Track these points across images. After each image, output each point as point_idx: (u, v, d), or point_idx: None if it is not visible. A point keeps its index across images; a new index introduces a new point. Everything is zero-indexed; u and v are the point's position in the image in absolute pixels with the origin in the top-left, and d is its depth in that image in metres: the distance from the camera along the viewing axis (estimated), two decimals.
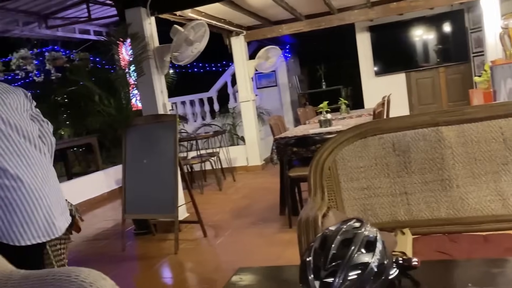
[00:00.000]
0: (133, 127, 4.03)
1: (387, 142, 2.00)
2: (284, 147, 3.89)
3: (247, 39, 7.09)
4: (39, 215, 1.67)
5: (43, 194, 1.70)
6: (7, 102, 1.72)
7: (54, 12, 6.58)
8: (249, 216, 4.45)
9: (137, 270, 3.52)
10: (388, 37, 8.30)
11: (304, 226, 1.62)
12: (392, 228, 1.90)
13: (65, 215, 1.83)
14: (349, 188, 2.02)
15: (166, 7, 4.36)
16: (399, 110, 7.78)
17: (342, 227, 1.10)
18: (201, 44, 4.23)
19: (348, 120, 4.94)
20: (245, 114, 7.24)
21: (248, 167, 7.28)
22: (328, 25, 6.68)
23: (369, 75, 8.48)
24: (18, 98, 1.79)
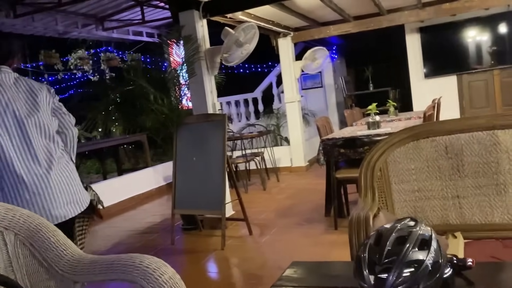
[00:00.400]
0: (184, 126, 4.18)
1: (440, 145, 1.99)
2: (331, 148, 3.90)
3: (294, 40, 7.13)
4: (33, 207, 1.86)
5: (41, 187, 1.88)
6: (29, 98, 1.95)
7: (110, 14, 6.92)
8: (294, 216, 4.49)
9: (185, 263, 3.65)
10: (439, 39, 8.07)
11: (355, 225, 1.65)
12: (443, 231, 1.89)
13: (75, 204, 1.98)
14: (400, 189, 2.02)
15: (217, 10, 4.49)
16: (449, 114, 7.56)
17: (397, 225, 1.13)
18: (250, 45, 4.32)
19: (396, 123, 4.88)
20: (290, 115, 7.28)
21: (292, 168, 7.32)
22: (377, 26, 6.60)
23: (418, 77, 8.29)
24: (42, 93, 1.99)
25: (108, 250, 4.24)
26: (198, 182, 4.01)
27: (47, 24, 6.36)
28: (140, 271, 1.40)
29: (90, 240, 4.74)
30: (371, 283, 1.05)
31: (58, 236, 1.58)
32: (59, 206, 1.92)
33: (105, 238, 4.75)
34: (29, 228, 1.56)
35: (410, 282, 1.04)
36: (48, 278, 1.54)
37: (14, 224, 1.57)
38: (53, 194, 1.91)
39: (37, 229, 1.57)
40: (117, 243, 4.46)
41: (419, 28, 8.09)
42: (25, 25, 6.07)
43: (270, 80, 9.56)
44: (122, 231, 4.90)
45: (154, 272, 1.39)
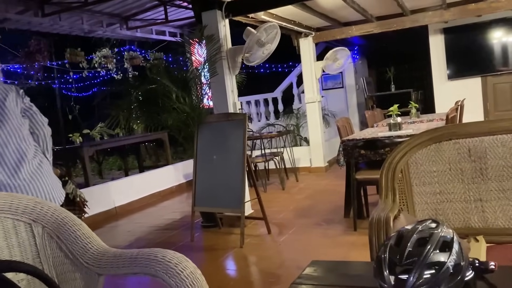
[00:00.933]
0: (205, 124, 4.23)
1: (463, 147, 1.97)
2: (352, 149, 3.88)
3: (315, 40, 7.11)
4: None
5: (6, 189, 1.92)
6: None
7: (134, 14, 7.03)
8: (313, 217, 4.49)
9: (204, 260, 3.70)
10: (463, 40, 7.93)
11: (375, 226, 1.65)
12: (465, 234, 1.87)
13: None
14: (421, 192, 2.01)
15: (240, 10, 4.52)
16: (473, 116, 7.40)
17: (418, 227, 1.13)
18: (272, 45, 4.33)
19: (418, 125, 4.82)
20: (310, 115, 7.26)
21: (311, 168, 7.30)
22: (400, 27, 6.52)
23: (441, 79, 8.16)
24: (9, 96, 2.00)
25: (128, 245, 4.32)
26: (218, 180, 4.05)
27: (73, 23, 6.51)
28: (162, 266, 1.44)
29: (112, 235, 4.86)
30: (391, 284, 1.06)
31: (83, 229, 1.63)
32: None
33: (126, 233, 4.84)
34: (56, 221, 1.62)
35: (431, 284, 1.04)
36: (73, 270, 1.59)
37: (42, 217, 1.62)
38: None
39: (63, 222, 1.62)
40: (138, 239, 4.53)
41: (443, 29, 7.96)
42: (52, 24, 6.22)
43: (291, 80, 9.56)
44: (142, 227, 4.99)
45: (175, 267, 1.42)
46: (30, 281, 1.54)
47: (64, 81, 11.16)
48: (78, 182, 7.75)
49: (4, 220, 1.58)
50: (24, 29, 6.49)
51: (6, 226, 1.58)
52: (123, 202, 5.95)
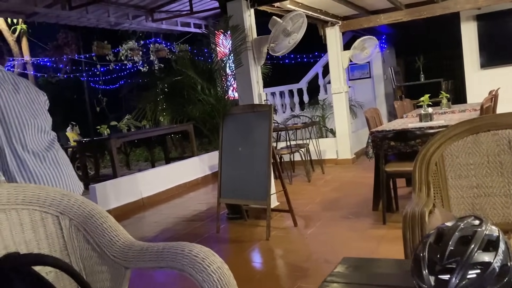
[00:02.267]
0: (230, 116, 4.19)
1: (502, 139, 1.87)
2: (381, 141, 3.78)
3: (342, 29, 6.96)
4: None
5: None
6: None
7: (159, 6, 7.04)
8: (340, 209, 4.41)
9: (230, 252, 3.68)
10: (497, 27, 7.60)
11: (410, 221, 1.58)
12: (505, 231, 1.75)
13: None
14: (457, 185, 1.92)
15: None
16: (508, 107, 7.10)
17: (460, 224, 1.06)
18: (298, 35, 4.25)
19: (450, 115, 4.65)
20: (337, 106, 7.13)
21: (338, 160, 7.19)
22: (431, 14, 6.30)
23: (474, 68, 7.86)
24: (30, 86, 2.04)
25: (155, 236, 4.36)
26: (243, 172, 4.02)
27: (99, 16, 6.56)
28: (189, 260, 1.41)
29: (139, 225, 4.91)
30: (431, 284, 0.99)
31: (110, 222, 1.62)
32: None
33: (153, 224, 4.88)
34: (83, 214, 1.61)
35: (476, 285, 0.97)
36: (100, 263, 1.58)
37: (69, 210, 1.62)
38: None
39: (90, 214, 1.61)
40: (164, 230, 4.56)
41: (475, 15, 7.66)
42: (79, 17, 6.29)
43: (316, 70, 9.42)
44: (169, 218, 5.02)
45: (203, 261, 1.38)
46: (58, 274, 1.54)
47: (91, 74, 11.36)
48: (106, 173, 7.88)
49: (32, 212, 1.59)
50: (52, 22, 6.59)
51: (34, 218, 1.58)
52: (150, 193, 6.00)
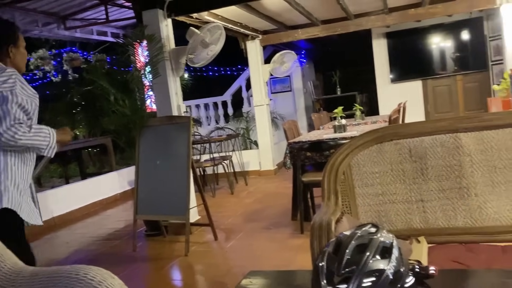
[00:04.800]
0: (147, 128, 4.05)
1: (404, 148, 1.96)
2: (298, 152, 3.85)
3: (262, 43, 7.09)
4: None
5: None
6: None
7: (73, 13, 6.68)
8: (261, 221, 4.42)
9: (147, 271, 3.51)
10: (405, 44, 8.22)
11: (317, 230, 1.58)
12: (407, 235, 1.85)
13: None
14: (364, 193, 1.98)
15: (183, 9, 4.37)
16: (415, 118, 7.64)
17: (357, 232, 1.07)
18: (216, 46, 4.23)
19: (362, 126, 4.88)
20: (259, 118, 7.22)
21: (261, 171, 7.25)
22: (344, 30, 6.64)
23: (385, 82, 8.41)
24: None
25: (65, 258, 4.04)
26: (161, 187, 3.88)
27: None
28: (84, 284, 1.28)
29: (48, 247, 4.53)
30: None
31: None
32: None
33: (64, 245, 4.53)
34: None
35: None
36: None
37: None
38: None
39: None
40: (76, 250, 4.25)
41: (385, 33, 8.22)
42: None
43: (240, 83, 9.49)
44: (82, 238, 4.70)
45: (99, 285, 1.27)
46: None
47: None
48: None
49: None
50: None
51: None
52: (63, 211, 5.59)
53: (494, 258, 1.64)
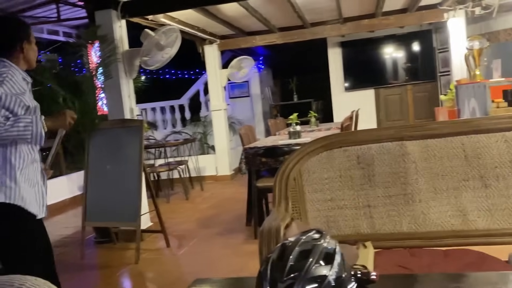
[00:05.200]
0: (98, 131, 3.92)
1: (352, 155, 2.00)
2: (253, 157, 3.86)
3: (220, 48, 7.07)
4: None
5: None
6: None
7: (21, 10, 6.37)
8: (215, 226, 4.38)
9: (95, 279, 3.39)
10: (359, 53, 8.46)
11: (266, 236, 1.58)
12: (355, 241, 1.88)
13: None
14: (313, 199, 2.00)
15: (137, 11, 4.28)
16: (368, 125, 7.88)
17: (301, 238, 1.07)
18: (172, 49, 4.17)
19: (317, 133, 4.96)
20: (216, 123, 7.19)
21: (217, 176, 7.21)
22: (301, 38, 6.75)
23: (339, 90, 8.61)
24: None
25: None
26: (112, 192, 3.76)
27: None
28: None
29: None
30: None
31: None
32: None
33: None
34: None
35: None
36: None
37: None
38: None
39: None
40: None
41: (340, 42, 8.42)
42: None
43: (198, 87, 9.41)
44: None
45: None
46: None
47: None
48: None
49: None
50: None
51: None
52: None
53: (436, 262, 1.70)
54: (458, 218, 1.84)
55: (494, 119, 1.92)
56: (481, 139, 1.86)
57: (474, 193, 1.84)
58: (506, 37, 6.89)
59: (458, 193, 1.86)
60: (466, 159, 1.87)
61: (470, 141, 1.88)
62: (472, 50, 4.74)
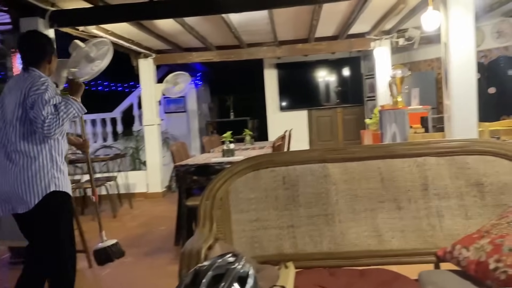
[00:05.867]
0: None
1: (278, 175, 2.05)
2: (184, 175, 3.81)
3: (156, 62, 6.98)
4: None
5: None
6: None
7: None
8: (143, 246, 4.24)
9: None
10: (294, 75, 8.74)
11: (186, 259, 1.56)
12: (278, 261, 1.91)
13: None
14: (239, 219, 2.01)
15: (67, 21, 4.11)
16: (300, 145, 8.15)
17: (216, 262, 1.07)
18: (102, 62, 4.02)
19: (250, 151, 5.02)
20: (149, 138, 7.04)
21: (148, 193, 7.02)
22: (238, 58, 6.86)
23: (274, 110, 8.80)
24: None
25: None
26: None
27: None
28: None
29: None
30: None
31: None
32: None
33: None
34: None
35: None
36: None
37: None
38: None
39: None
40: None
41: (276, 64, 8.66)
42: None
43: (131, 100, 9.16)
44: None
45: None
46: None
47: None
48: None
49: None
50: None
51: None
52: None
53: (352, 282, 1.77)
54: (374, 238, 1.94)
55: (407, 145, 2.06)
56: (396, 164, 1.99)
57: (389, 215, 1.95)
58: (426, 67, 7.48)
59: (375, 214, 1.96)
60: (382, 182, 1.98)
61: (386, 165, 2.00)
62: (395, 78, 5.08)
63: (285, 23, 5.62)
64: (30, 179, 2.26)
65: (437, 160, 1.96)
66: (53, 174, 2.32)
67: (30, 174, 2.26)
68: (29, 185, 2.26)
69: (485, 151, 1.94)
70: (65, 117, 2.28)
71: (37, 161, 2.28)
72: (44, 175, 2.28)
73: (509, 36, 6.04)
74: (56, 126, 2.22)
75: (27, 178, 2.26)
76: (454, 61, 3.58)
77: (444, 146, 1.99)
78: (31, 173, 2.26)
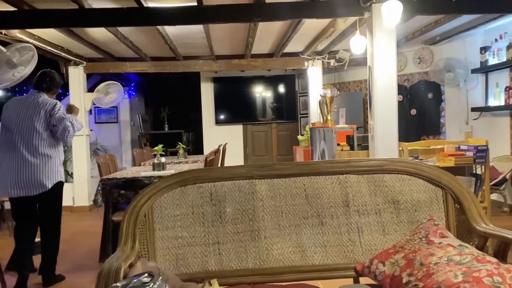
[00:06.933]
0: None
1: (205, 191, 2.04)
2: (111, 189, 3.67)
3: (87, 71, 6.71)
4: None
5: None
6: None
7: None
8: (64, 263, 3.99)
9: None
10: (230, 90, 8.80)
11: (104, 278, 1.49)
12: (202, 278, 1.89)
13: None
14: (164, 236, 1.97)
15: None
16: (235, 159, 8.19)
17: (130, 283, 1.04)
18: (26, 69, 3.82)
19: (183, 165, 4.96)
20: (76, 149, 6.71)
21: (74, 207, 6.66)
22: (174, 70, 6.79)
23: (210, 123, 8.78)
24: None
25: None
26: None
27: None
28: None
29: None
30: None
31: None
32: None
33: None
34: None
35: None
36: None
37: None
38: None
39: None
40: None
41: (213, 77, 8.68)
42: None
43: None
44: None
45: None
46: None
47: None
48: None
49: None
50: None
51: None
52: None
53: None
54: (298, 254, 1.98)
55: (330, 163, 2.14)
56: (320, 181, 2.06)
57: (312, 230, 2.01)
58: (355, 88, 7.87)
59: (299, 230, 2.01)
60: (306, 198, 2.04)
61: (310, 182, 2.06)
62: (325, 97, 5.28)
63: (222, 39, 5.67)
64: (48, 171, 3.28)
65: (358, 178, 2.06)
66: (60, 168, 3.42)
67: (48, 167, 3.28)
68: (47, 174, 3.28)
69: (401, 170, 2.07)
70: (76, 129, 3.40)
71: (52, 159, 3.32)
72: (56, 169, 3.35)
73: (429, 62, 6.54)
74: (72, 136, 3.38)
75: (46, 170, 3.27)
76: (378, 83, 3.80)
77: (364, 164, 2.09)
78: (49, 167, 3.29)
